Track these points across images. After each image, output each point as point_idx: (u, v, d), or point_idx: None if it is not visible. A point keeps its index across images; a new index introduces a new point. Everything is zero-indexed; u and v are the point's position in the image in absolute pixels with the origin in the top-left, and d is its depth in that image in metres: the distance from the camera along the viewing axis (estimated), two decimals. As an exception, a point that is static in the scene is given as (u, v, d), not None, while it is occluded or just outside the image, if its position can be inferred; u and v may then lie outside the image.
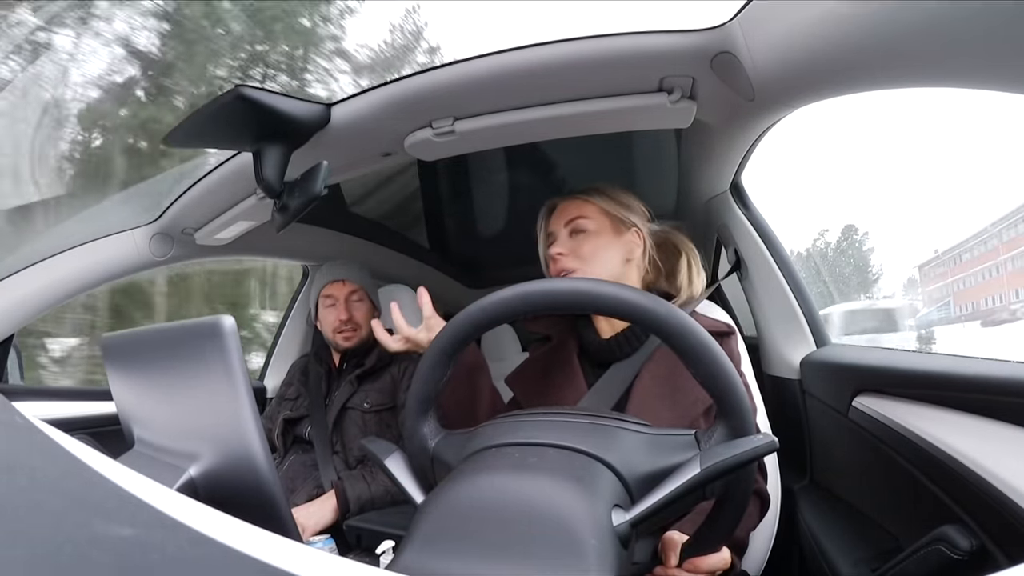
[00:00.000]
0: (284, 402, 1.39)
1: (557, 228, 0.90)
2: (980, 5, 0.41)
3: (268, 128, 0.81)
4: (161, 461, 0.51)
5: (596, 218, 0.88)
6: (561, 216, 0.90)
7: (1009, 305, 3.22)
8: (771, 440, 0.45)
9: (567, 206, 0.90)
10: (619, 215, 0.88)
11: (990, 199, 3.82)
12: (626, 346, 0.84)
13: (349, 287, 1.38)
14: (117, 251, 1.17)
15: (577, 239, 0.87)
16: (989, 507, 0.55)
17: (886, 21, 0.49)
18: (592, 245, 0.86)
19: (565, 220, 0.89)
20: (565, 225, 0.89)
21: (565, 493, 0.42)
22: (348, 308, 1.35)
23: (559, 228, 0.89)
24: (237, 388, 0.45)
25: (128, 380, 0.58)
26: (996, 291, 3.36)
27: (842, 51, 0.56)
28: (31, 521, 0.18)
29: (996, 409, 0.60)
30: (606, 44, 0.72)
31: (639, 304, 0.52)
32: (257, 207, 1.09)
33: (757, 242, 1.15)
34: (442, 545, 0.40)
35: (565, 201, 0.91)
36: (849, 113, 2.91)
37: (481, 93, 0.81)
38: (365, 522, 1.09)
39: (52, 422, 0.32)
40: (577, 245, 0.87)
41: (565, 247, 0.87)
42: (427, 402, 0.59)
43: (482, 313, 0.57)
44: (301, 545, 0.22)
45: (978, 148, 5.65)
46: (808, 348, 1.08)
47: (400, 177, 1.62)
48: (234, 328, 0.46)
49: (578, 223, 0.87)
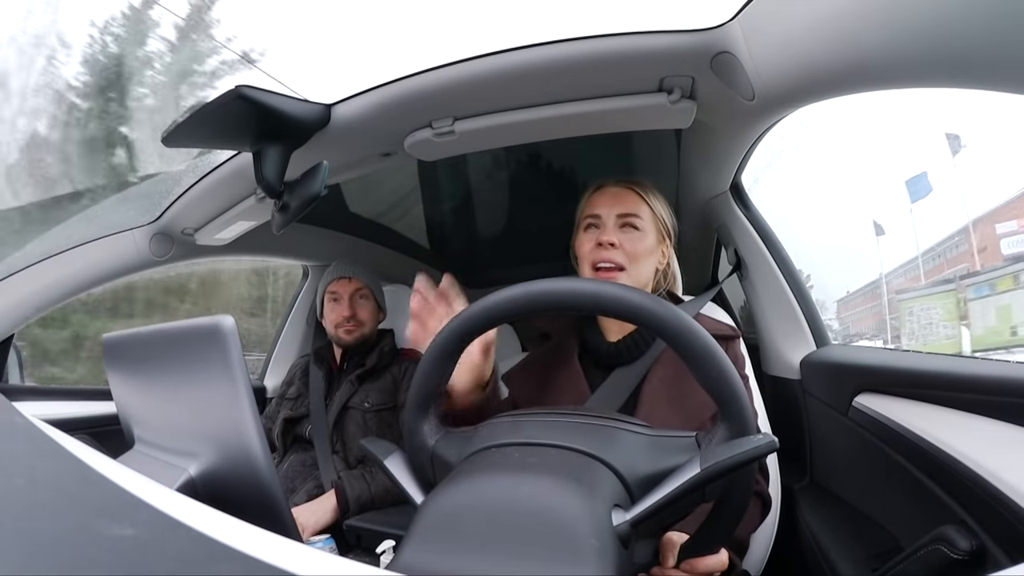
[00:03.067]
0: (284, 402, 1.40)
1: (607, 215, 0.84)
2: (980, 5, 0.41)
3: (268, 128, 0.81)
4: (161, 461, 0.51)
5: (648, 220, 0.85)
6: (615, 204, 0.85)
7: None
8: (771, 440, 0.45)
9: (623, 195, 0.86)
10: (665, 222, 0.87)
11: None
12: (634, 350, 0.82)
13: (355, 284, 1.39)
14: (117, 251, 1.17)
15: (629, 235, 0.83)
16: (989, 507, 0.55)
17: (886, 21, 0.49)
18: (643, 247, 0.83)
19: (620, 210, 0.84)
20: (618, 216, 0.84)
21: (565, 493, 0.42)
22: (352, 305, 1.36)
23: (610, 216, 0.84)
24: (237, 388, 0.45)
25: (128, 380, 0.58)
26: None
27: (842, 51, 0.56)
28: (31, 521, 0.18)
29: (996, 409, 0.60)
30: (606, 44, 0.72)
31: (643, 306, 0.52)
32: (257, 207, 1.09)
33: (757, 242, 1.15)
34: (442, 545, 0.40)
35: (620, 188, 0.87)
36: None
37: (481, 93, 0.81)
38: (365, 522, 1.09)
39: (52, 422, 0.32)
40: (628, 241, 0.82)
41: (616, 238, 0.82)
42: (428, 400, 0.59)
43: (485, 312, 0.57)
44: (301, 545, 0.22)
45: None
46: (808, 348, 1.08)
47: (400, 177, 1.62)
48: (234, 328, 0.46)
49: (633, 220, 0.84)
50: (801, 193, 3.14)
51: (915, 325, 3.61)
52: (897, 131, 3.25)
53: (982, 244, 1.95)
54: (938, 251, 3.07)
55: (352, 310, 1.36)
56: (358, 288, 1.39)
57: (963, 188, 1.81)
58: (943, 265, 3.58)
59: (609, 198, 0.86)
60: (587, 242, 0.85)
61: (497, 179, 1.64)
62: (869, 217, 3.25)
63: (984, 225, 1.83)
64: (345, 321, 1.35)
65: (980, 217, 1.86)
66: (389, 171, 1.51)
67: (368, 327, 1.38)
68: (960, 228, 1.93)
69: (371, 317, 1.39)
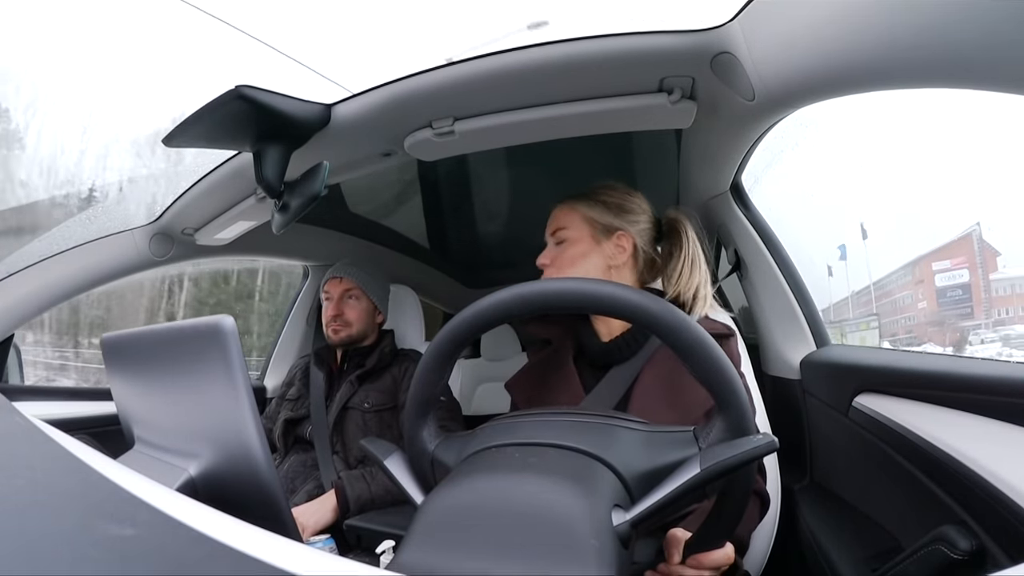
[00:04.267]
0: (285, 402, 1.40)
1: (548, 236, 0.91)
2: (980, 6, 0.41)
3: (268, 128, 0.81)
4: (161, 461, 0.51)
5: (577, 227, 0.88)
6: (551, 224, 0.91)
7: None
8: (771, 440, 0.45)
9: (556, 214, 0.91)
10: (602, 221, 0.87)
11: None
12: (626, 348, 0.83)
13: (345, 284, 1.39)
14: (117, 251, 1.18)
15: (559, 249, 0.88)
16: (989, 507, 0.55)
17: (886, 21, 0.49)
18: (570, 254, 0.87)
19: (552, 228, 0.90)
20: (552, 234, 0.90)
21: (565, 493, 0.42)
22: (339, 305, 1.38)
23: (549, 236, 0.91)
24: (237, 388, 0.45)
25: (128, 380, 0.58)
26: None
27: (842, 51, 0.56)
28: (31, 521, 0.18)
29: (996, 409, 0.60)
30: (606, 44, 0.72)
31: (632, 301, 0.52)
32: (257, 207, 1.09)
33: (757, 242, 1.15)
34: (442, 545, 0.40)
35: (556, 208, 0.92)
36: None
37: (481, 93, 0.81)
38: (365, 522, 1.09)
39: (52, 422, 0.32)
40: (558, 254, 0.88)
41: (548, 256, 0.89)
42: (426, 405, 0.59)
43: (477, 316, 0.57)
44: (301, 545, 0.22)
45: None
46: (808, 348, 1.08)
47: (400, 177, 1.62)
48: (234, 328, 0.46)
49: (560, 233, 0.88)
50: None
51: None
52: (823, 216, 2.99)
53: (919, 277, 2.20)
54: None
55: (339, 310, 1.37)
56: (348, 289, 1.40)
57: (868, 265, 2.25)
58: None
59: (550, 220, 0.92)
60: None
61: (497, 180, 1.64)
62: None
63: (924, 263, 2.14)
64: (332, 320, 1.36)
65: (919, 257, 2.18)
66: (389, 171, 1.52)
67: (356, 328, 1.38)
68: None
69: (360, 318, 1.39)
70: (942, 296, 2.13)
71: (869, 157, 1.83)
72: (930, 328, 2.26)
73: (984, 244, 2.06)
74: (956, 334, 2.12)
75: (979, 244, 2.08)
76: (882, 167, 2.08)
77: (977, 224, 2.09)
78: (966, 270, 2.08)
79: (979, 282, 2.03)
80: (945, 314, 2.13)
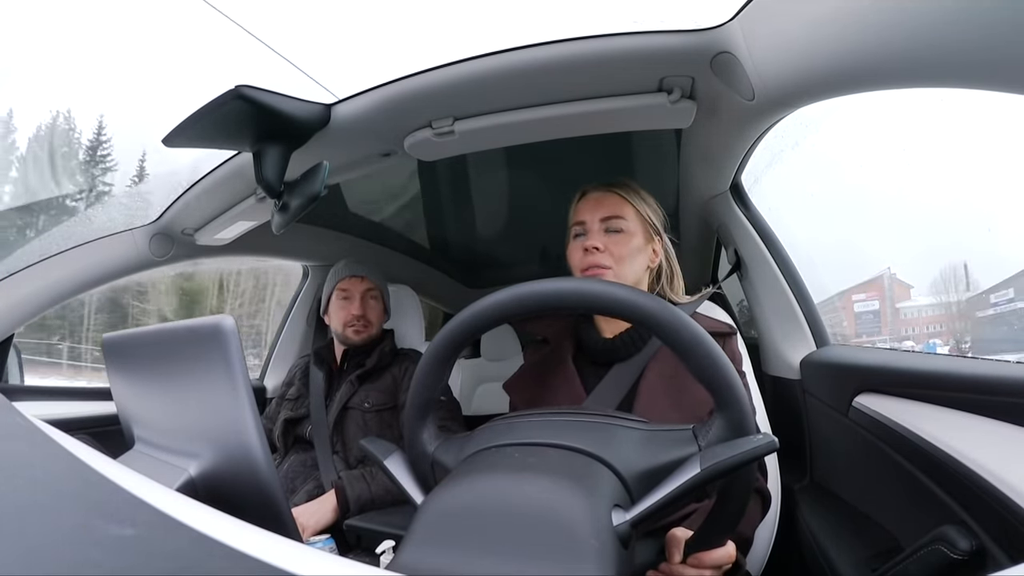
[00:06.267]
0: (285, 402, 1.40)
1: (591, 220, 0.85)
2: (979, 6, 0.41)
3: (268, 128, 0.81)
4: (161, 461, 0.51)
5: (633, 220, 0.85)
6: (598, 208, 0.86)
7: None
8: (771, 440, 0.45)
9: (605, 199, 0.86)
10: (651, 221, 0.87)
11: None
12: (630, 346, 0.83)
13: (367, 284, 1.38)
14: (117, 251, 1.17)
15: (613, 238, 0.84)
16: (989, 507, 0.55)
17: (886, 21, 0.49)
18: (628, 247, 0.84)
19: (602, 214, 0.85)
20: (602, 220, 0.85)
21: (565, 493, 0.42)
22: (363, 304, 1.36)
23: (594, 221, 0.85)
24: (237, 388, 0.45)
25: (128, 380, 0.58)
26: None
27: (842, 51, 0.56)
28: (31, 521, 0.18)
29: (996, 409, 0.60)
30: (606, 44, 0.72)
31: (631, 301, 0.52)
32: (257, 207, 1.09)
33: (757, 242, 1.15)
34: (442, 545, 0.40)
35: (602, 193, 0.87)
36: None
37: (481, 93, 0.81)
38: (365, 522, 1.09)
39: (52, 422, 0.32)
40: (613, 244, 0.84)
41: (600, 240, 0.83)
42: (426, 407, 0.59)
43: (476, 317, 0.57)
44: (301, 545, 0.22)
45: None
46: (808, 348, 1.08)
47: (400, 177, 1.62)
48: (234, 328, 0.46)
49: (616, 222, 0.84)
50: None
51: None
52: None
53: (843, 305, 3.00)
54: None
55: (363, 309, 1.35)
56: (369, 288, 1.38)
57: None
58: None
59: (592, 203, 0.87)
60: (576, 250, 0.86)
61: (497, 180, 1.64)
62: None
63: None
64: (355, 320, 1.34)
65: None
66: (389, 171, 1.52)
67: (375, 328, 1.38)
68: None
69: (379, 318, 1.39)
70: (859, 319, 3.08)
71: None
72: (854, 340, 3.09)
73: (895, 281, 3.18)
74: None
75: (889, 282, 3.16)
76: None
77: (888, 268, 3.23)
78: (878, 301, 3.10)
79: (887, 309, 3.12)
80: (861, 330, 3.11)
